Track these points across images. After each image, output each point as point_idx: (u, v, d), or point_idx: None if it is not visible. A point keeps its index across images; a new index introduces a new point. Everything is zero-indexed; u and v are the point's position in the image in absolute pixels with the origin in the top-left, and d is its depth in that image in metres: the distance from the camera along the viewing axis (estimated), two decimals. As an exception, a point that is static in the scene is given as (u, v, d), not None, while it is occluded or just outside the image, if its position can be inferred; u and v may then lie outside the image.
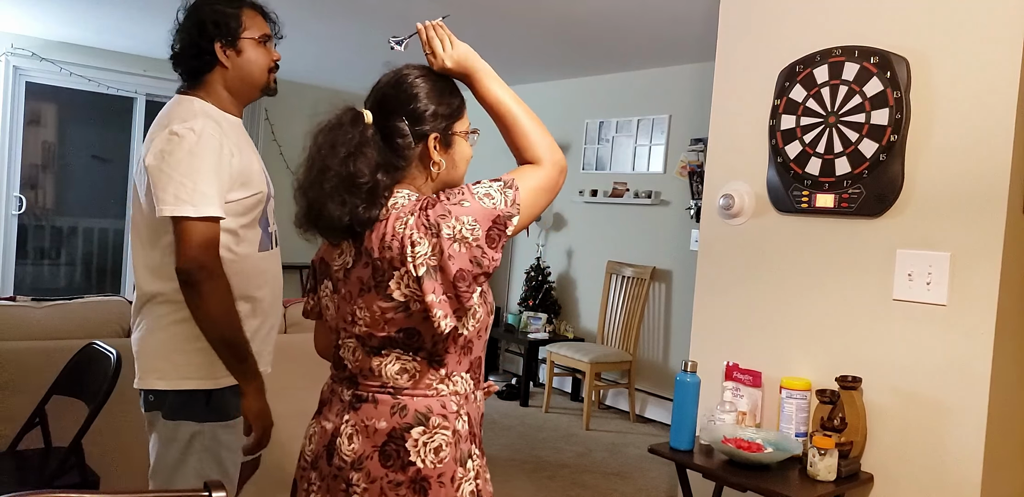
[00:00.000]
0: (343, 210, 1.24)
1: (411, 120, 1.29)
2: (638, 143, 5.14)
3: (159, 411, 1.68)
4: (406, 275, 1.22)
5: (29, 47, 5.32)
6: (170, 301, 1.66)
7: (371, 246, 1.25)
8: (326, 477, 1.33)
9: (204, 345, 1.63)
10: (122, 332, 2.75)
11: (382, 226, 1.25)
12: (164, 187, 1.56)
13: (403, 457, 1.26)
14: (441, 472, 1.26)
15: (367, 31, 4.52)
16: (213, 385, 1.67)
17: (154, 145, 1.61)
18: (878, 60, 1.98)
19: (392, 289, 1.24)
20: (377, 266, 1.25)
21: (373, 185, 1.24)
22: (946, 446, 1.87)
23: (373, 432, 1.28)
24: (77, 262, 6.02)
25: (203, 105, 1.70)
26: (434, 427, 1.27)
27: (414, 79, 1.31)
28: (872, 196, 1.99)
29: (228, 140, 1.65)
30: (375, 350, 1.30)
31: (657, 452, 2.10)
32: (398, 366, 1.29)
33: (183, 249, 1.56)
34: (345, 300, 1.32)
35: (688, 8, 3.61)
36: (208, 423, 1.68)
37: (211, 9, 1.70)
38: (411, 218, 1.23)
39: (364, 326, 1.29)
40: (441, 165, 1.32)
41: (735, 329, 2.32)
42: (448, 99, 1.33)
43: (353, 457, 1.29)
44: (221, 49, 1.70)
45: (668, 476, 3.70)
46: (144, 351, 1.70)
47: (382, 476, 1.26)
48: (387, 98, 1.30)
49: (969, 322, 1.84)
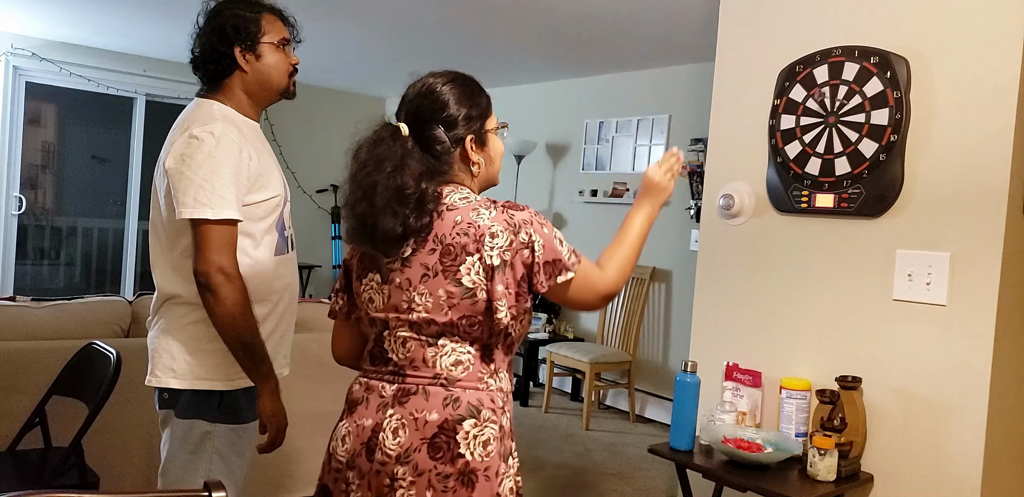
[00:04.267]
0: (396, 221, 1.30)
1: (446, 127, 1.36)
2: (638, 143, 5.14)
3: (172, 410, 1.70)
4: (479, 262, 1.29)
5: (29, 47, 5.32)
6: (188, 303, 1.67)
7: (442, 232, 1.31)
8: (367, 474, 1.33)
9: (220, 346, 1.64)
10: (122, 332, 2.75)
11: (453, 214, 1.32)
12: (184, 190, 1.58)
13: (453, 449, 1.28)
14: (488, 466, 1.29)
15: (367, 31, 4.53)
16: (227, 386, 1.69)
17: (174, 148, 1.63)
18: (878, 60, 1.98)
19: (462, 274, 1.29)
20: (448, 251, 1.30)
21: (420, 194, 1.31)
22: (946, 446, 1.87)
23: (423, 424, 1.30)
24: (77, 262, 6.02)
25: (222, 109, 1.72)
26: (484, 420, 1.31)
27: (441, 87, 1.38)
28: (872, 196, 1.99)
29: (247, 143, 1.67)
30: (432, 339, 1.33)
31: (657, 452, 2.10)
32: (453, 358, 1.33)
33: (201, 251, 1.58)
34: (400, 289, 1.34)
35: (688, 8, 3.61)
36: (220, 424, 1.69)
37: (231, 14, 1.72)
38: (492, 211, 1.32)
39: (424, 312, 1.32)
40: (480, 164, 1.41)
41: (735, 329, 2.32)
42: (477, 100, 1.40)
43: (399, 451, 1.30)
44: (241, 53, 1.72)
45: (668, 476, 3.70)
46: (160, 349, 1.71)
47: (430, 469, 1.28)
48: (420, 109, 1.37)
49: (969, 322, 1.84)
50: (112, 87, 5.71)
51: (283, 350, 1.83)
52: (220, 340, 1.63)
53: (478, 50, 4.83)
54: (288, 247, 1.81)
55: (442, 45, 4.72)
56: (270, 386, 1.67)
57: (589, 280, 1.37)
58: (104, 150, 5.99)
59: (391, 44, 4.79)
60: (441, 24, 4.23)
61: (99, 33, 5.09)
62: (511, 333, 1.36)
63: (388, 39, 4.67)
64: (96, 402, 2.08)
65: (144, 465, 2.57)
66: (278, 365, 1.77)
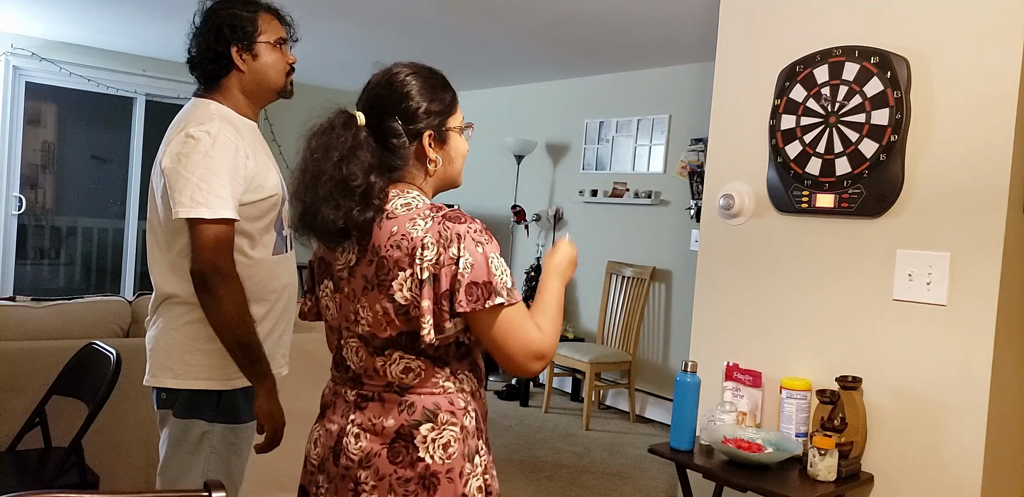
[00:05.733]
0: (337, 214, 1.24)
1: (404, 119, 1.29)
2: (638, 143, 5.14)
3: (170, 409, 1.70)
4: (411, 277, 1.22)
5: (29, 47, 5.32)
6: (186, 302, 1.67)
7: (378, 243, 1.25)
8: (334, 478, 1.33)
9: (217, 346, 1.64)
10: (122, 332, 2.75)
11: (391, 224, 1.25)
12: (180, 189, 1.58)
13: (412, 453, 1.26)
14: (450, 468, 1.27)
15: (367, 31, 4.52)
16: (224, 386, 1.69)
17: (170, 148, 1.63)
18: (878, 60, 1.98)
19: (395, 290, 1.24)
20: (382, 264, 1.24)
21: (367, 187, 1.25)
22: (946, 446, 1.87)
23: (381, 430, 1.28)
24: (77, 262, 6.01)
25: (219, 108, 1.71)
26: (442, 423, 1.28)
27: (404, 77, 1.31)
28: (872, 196, 1.99)
29: (244, 143, 1.67)
30: (378, 350, 1.29)
31: (657, 452, 2.10)
32: (402, 365, 1.28)
33: (197, 251, 1.57)
34: (348, 299, 1.31)
35: (688, 8, 3.61)
36: (217, 424, 1.69)
37: (227, 13, 1.71)
38: (428, 223, 1.24)
39: (367, 326, 1.28)
40: (437, 162, 1.32)
41: (735, 329, 2.32)
42: (440, 95, 1.32)
43: (361, 455, 1.29)
44: (237, 53, 1.71)
45: (668, 476, 3.70)
46: (158, 349, 1.71)
47: (391, 473, 1.26)
48: (379, 98, 1.30)
49: (969, 322, 1.84)
50: (112, 87, 5.71)
51: (281, 350, 1.83)
52: (218, 340, 1.63)
53: (478, 50, 4.83)
54: (286, 247, 1.81)
55: (442, 45, 4.72)
56: (267, 386, 1.67)
57: (522, 325, 1.24)
58: (104, 150, 5.99)
59: (391, 44, 4.79)
60: (441, 24, 4.23)
61: (99, 33, 5.08)
62: (464, 341, 1.30)
63: (388, 39, 4.67)
64: (96, 402, 2.08)
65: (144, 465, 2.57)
66: (276, 365, 1.76)
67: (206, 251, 1.57)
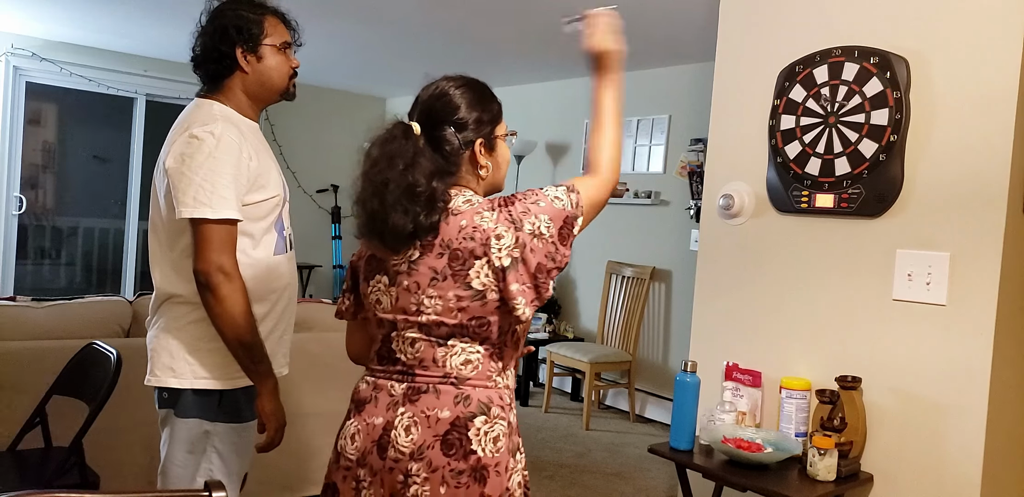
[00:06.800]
0: (406, 218, 1.31)
1: (457, 128, 1.38)
2: (638, 143, 5.14)
3: (172, 409, 1.70)
4: (487, 265, 1.31)
5: (29, 47, 5.32)
6: (188, 302, 1.68)
7: (448, 237, 1.33)
8: (379, 471, 1.35)
9: (219, 345, 1.65)
10: (122, 332, 2.75)
11: (458, 219, 1.34)
12: (184, 189, 1.59)
13: (465, 446, 1.31)
14: (498, 461, 1.32)
15: (367, 32, 4.53)
16: (226, 385, 1.70)
17: (174, 148, 1.64)
18: (878, 60, 1.98)
19: (471, 278, 1.32)
20: (456, 255, 1.32)
21: (431, 192, 1.32)
22: (946, 446, 1.87)
23: (435, 422, 1.32)
24: (77, 262, 6.02)
25: (222, 109, 1.72)
26: (494, 417, 1.34)
27: (454, 90, 1.40)
28: (872, 196, 1.99)
29: (247, 144, 1.68)
30: (441, 340, 1.35)
31: (657, 452, 2.11)
32: (463, 357, 1.35)
33: (200, 251, 1.59)
34: (409, 291, 1.36)
35: (688, 8, 3.61)
36: (219, 423, 1.70)
37: (234, 14, 1.72)
38: (494, 213, 1.34)
39: (434, 314, 1.34)
40: (488, 168, 1.43)
41: (735, 329, 2.32)
42: (488, 106, 1.43)
43: (412, 448, 1.32)
44: (242, 54, 1.73)
45: (668, 476, 3.70)
46: (159, 349, 1.72)
47: (444, 465, 1.30)
48: (433, 110, 1.39)
49: (969, 322, 1.84)
50: (112, 87, 5.71)
51: (282, 349, 1.84)
52: (220, 339, 1.64)
53: (478, 50, 4.83)
54: (287, 247, 1.82)
55: (442, 45, 4.72)
56: (269, 385, 1.68)
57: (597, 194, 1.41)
58: (104, 150, 6.00)
59: (391, 44, 4.79)
60: (441, 24, 4.23)
61: (99, 33, 5.09)
62: (516, 329, 1.38)
63: (388, 39, 4.67)
64: (96, 402, 2.08)
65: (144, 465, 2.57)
66: (277, 364, 1.77)
67: (209, 251, 1.58)
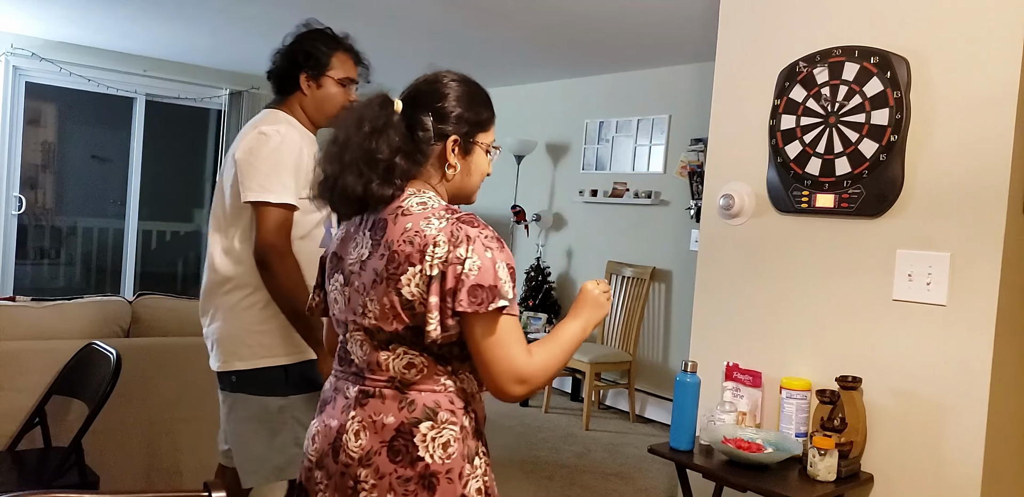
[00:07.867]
0: (358, 181, 1.29)
1: (436, 117, 1.33)
2: (638, 143, 5.14)
3: (243, 392, 1.90)
4: (420, 273, 1.24)
5: (29, 47, 5.32)
6: (238, 287, 1.90)
7: (391, 238, 1.28)
8: (333, 475, 1.33)
9: (273, 327, 1.88)
10: (121, 332, 2.75)
11: (405, 220, 1.28)
12: (251, 177, 1.84)
13: (411, 452, 1.26)
14: (449, 468, 1.27)
15: (368, 32, 4.52)
16: (288, 361, 1.90)
17: (243, 143, 1.90)
18: (878, 60, 1.98)
19: (403, 284, 1.25)
20: (393, 258, 1.26)
21: (390, 164, 1.29)
22: (946, 446, 1.87)
23: (381, 427, 1.28)
24: (77, 262, 6.02)
25: (287, 117, 1.99)
26: (442, 422, 1.28)
27: (449, 82, 1.37)
28: (872, 196, 1.99)
29: (307, 146, 1.93)
30: (383, 344, 1.30)
31: (657, 452, 2.10)
32: (405, 361, 1.29)
33: (261, 231, 1.82)
34: (357, 292, 1.32)
35: (688, 8, 3.61)
36: (292, 396, 1.90)
37: (310, 43, 2.00)
38: (443, 222, 1.26)
39: (374, 319, 1.29)
40: (456, 168, 1.36)
41: (735, 329, 2.32)
42: (477, 108, 1.37)
43: (360, 453, 1.29)
44: (305, 79, 1.99)
45: (668, 476, 3.70)
46: (223, 338, 1.93)
47: (391, 472, 1.26)
48: (419, 92, 1.36)
49: (969, 322, 1.84)
50: (112, 87, 5.71)
51: None
52: (274, 321, 1.87)
53: (479, 50, 4.83)
54: None
55: (443, 45, 4.72)
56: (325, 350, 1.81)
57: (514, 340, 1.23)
58: (104, 150, 6.00)
59: (392, 44, 4.79)
60: (442, 24, 4.23)
61: (99, 33, 5.08)
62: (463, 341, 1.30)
63: (389, 39, 4.67)
64: (96, 402, 2.08)
65: (144, 465, 2.57)
66: None
67: (267, 232, 1.81)
